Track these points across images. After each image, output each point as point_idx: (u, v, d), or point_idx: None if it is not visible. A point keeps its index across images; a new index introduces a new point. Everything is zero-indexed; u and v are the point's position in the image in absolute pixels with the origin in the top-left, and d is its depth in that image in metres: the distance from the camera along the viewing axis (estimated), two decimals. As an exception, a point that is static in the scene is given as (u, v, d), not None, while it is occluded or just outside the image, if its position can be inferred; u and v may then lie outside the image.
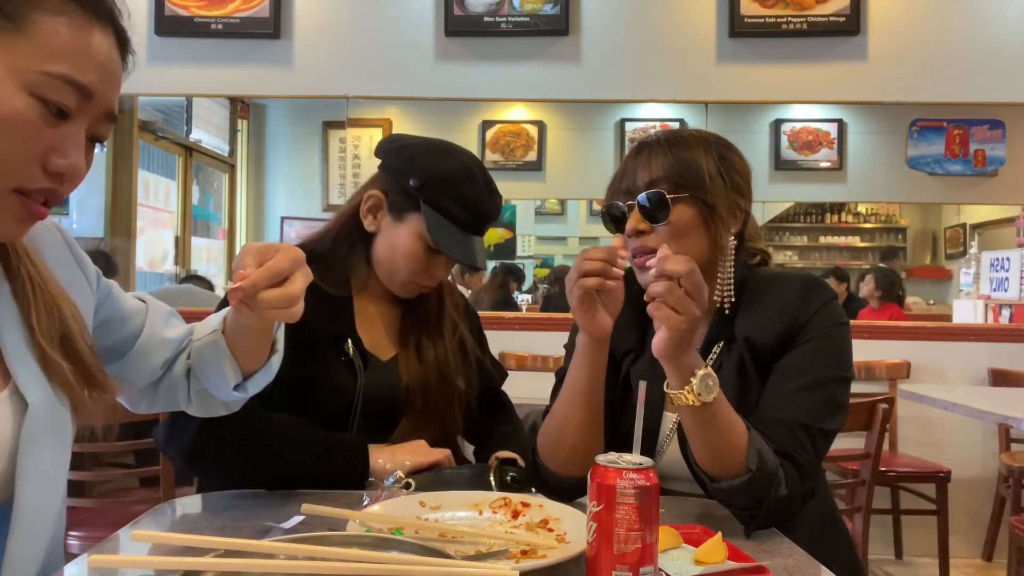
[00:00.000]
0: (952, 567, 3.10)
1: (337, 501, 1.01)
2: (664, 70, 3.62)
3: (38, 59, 0.74)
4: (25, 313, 0.84)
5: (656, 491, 0.76)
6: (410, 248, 1.37)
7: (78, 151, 0.78)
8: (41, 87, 0.74)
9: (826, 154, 4.94)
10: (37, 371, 0.84)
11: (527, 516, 1.04)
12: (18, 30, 0.73)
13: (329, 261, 1.40)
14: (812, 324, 1.17)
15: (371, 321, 1.43)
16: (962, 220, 7.37)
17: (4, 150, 0.74)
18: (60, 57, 0.75)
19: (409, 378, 1.41)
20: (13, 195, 0.76)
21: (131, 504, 2.31)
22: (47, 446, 0.85)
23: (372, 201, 1.41)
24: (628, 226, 1.20)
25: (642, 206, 1.18)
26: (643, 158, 1.22)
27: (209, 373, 1.02)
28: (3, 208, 0.77)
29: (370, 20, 3.64)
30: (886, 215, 8.15)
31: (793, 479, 1.07)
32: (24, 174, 0.76)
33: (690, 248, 1.18)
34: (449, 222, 1.36)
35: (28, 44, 0.74)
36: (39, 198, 0.78)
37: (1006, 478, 3.13)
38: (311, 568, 0.71)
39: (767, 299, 1.22)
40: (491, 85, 3.66)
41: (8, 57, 0.73)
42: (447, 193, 1.36)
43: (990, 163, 4.68)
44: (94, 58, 0.77)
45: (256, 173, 5.99)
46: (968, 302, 4.26)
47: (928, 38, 3.54)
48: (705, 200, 1.19)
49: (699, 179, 1.19)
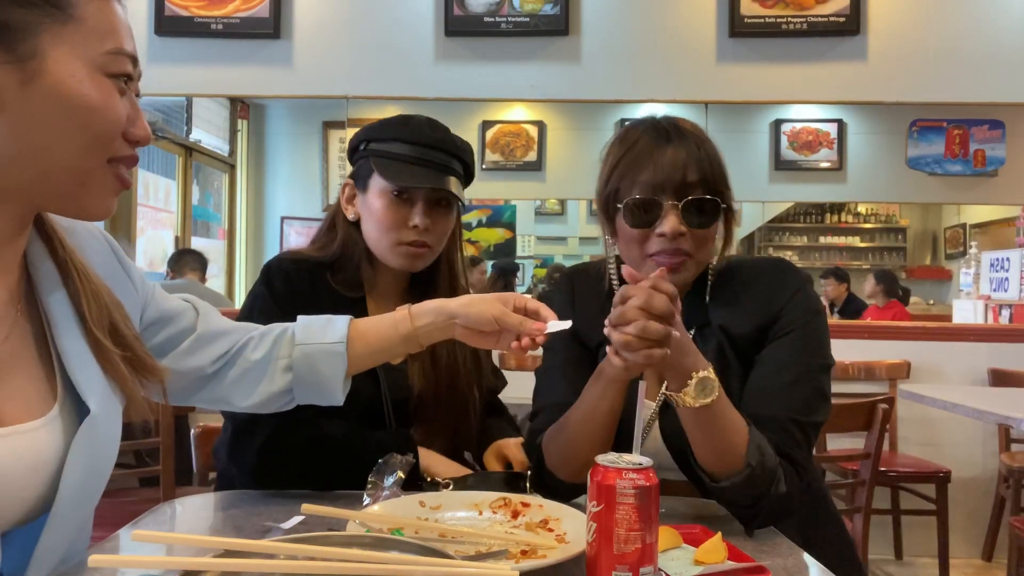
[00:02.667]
0: (952, 567, 3.10)
1: (337, 501, 1.01)
2: (664, 70, 3.62)
3: (96, 41, 0.79)
4: (76, 305, 0.87)
5: (656, 491, 0.76)
6: (378, 206, 1.38)
7: (143, 116, 0.84)
8: (108, 65, 0.79)
9: (826, 154, 4.94)
10: (97, 371, 0.86)
11: (527, 516, 1.04)
12: (72, 20, 0.78)
13: (341, 265, 1.41)
14: (789, 311, 1.17)
15: None
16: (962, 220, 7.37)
17: (101, 131, 0.79)
18: (110, 33, 0.80)
19: (422, 384, 1.41)
20: (107, 167, 0.82)
21: (131, 504, 2.32)
22: (95, 453, 0.85)
23: (347, 190, 1.45)
24: (669, 227, 1.14)
25: (689, 208, 1.14)
26: (678, 154, 1.16)
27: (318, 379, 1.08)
28: (106, 183, 0.83)
29: (370, 20, 3.64)
30: (886, 215, 8.14)
31: (792, 477, 1.07)
32: (114, 147, 0.82)
33: (709, 255, 1.20)
34: (397, 161, 1.37)
35: (83, 29, 0.78)
36: (128, 163, 0.84)
37: (1006, 478, 3.13)
38: (311, 568, 0.71)
39: (738, 287, 1.21)
40: (491, 85, 3.66)
41: (74, 47, 0.78)
42: (386, 137, 1.39)
43: (990, 163, 4.68)
44: (125, 25, 0.83)
45: (256, 173, 5.99)
46: (968, 302, 4.26)
47: (928, 38, 3.54)
48: (730, 206, 1.19)
49: (726, 182, 1.18)
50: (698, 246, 1.16)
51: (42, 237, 0.89)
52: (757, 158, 5.02)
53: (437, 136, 1.40)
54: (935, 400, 2.63)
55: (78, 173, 0.80)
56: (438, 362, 1.42)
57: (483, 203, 6.69)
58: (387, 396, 1.35)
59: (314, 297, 1.34)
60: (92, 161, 0.80)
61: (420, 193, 1.37)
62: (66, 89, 0.77)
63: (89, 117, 0.78)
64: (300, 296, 1.33)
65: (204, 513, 1.18)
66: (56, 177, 0.80)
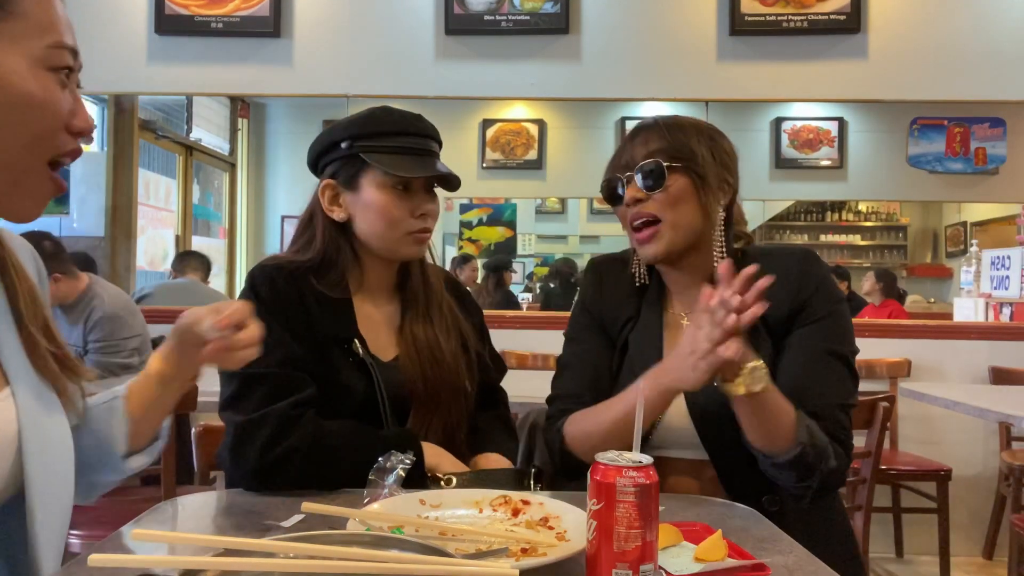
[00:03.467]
0: (953, 565, 3.10)
1: (337, 500, 1.01)
2: (664, 68, 3.62)
3: (37, 36, 0.79)
4: (12, 300, 0.89)
5: (656, 489, 0.76)
6: (381, 201, 1.36)
7: (84, 108, 0.85)
8: (49, 60, 0.80)
9: (826, 152, 4.94)
10: (25, 361, 0.88)
11: (527, 514, 1.04)
12: (11, 15, 0.78)
13: (326, 268, 1.40)
14: (817, 299, 1.27)
15: (370, 322, 1.43)
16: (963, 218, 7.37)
17: (41, 126, 0.80)
18: (51, 28, 0.81)
19: (411, 374, 1.41)
20: (47, 169, 0.83)
21: (131, 503, 2.32)
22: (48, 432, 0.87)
23: (328, 192, 1.41)
24: (627, 195, 1.29)
25: (640, 176, 1.28)
26: (640, 138, 1.32)
27: (98, 443, 0.99)
28: (41, 183, 0.83)
29: (370, 19, 3.64)
30: (887, 213, 8.14)
31: (840, 454, 1.19)
32: (56, 142, 0.82)
33: (684, 215, 1.27)
34: (393, 154, 1.37)
35: (25, 25, 0.79)
36: (67, 161, 0.85)
37: (1007, 476, 3.13)
38: (311, 567, 0.71)
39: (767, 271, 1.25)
40: (491, 84, 3.66)
41: (17, 43, 0.78)
42: (374, 131, 1.38)
43: (991, 161, 4.68)
44: (64, 19, 0.83)
45: (256, 172, 6.00)
46: (969, 300, 4.25)
47: (929, 36, 3.53)
48: (697, 172, 1.28)
49: (692, 153, 1.29)
50: (664, 208, 1.27)
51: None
52: (758, 156, 5.02)
53: (419, 124, 1.42)
54: (936, 398, 2.63)
55: (15, 171, 0.81)
56: (422, 354, 1.42)
57: (483, 202, 6.69)
58: (383, 393, 1.35)
59: (301, 301, 1.34)
60: (32, 160, 0.81)
61: (419, 182, 1.38)
62: (6, 85, 0.77)
63: (29, 113, 0.79)
64: (287, 300, 1.33)
65: (204, 512, 1.19)
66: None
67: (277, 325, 1.27)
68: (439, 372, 1.42)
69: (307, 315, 1.33)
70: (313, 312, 1.34)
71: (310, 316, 1.33)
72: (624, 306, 1.38)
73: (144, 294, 3.91)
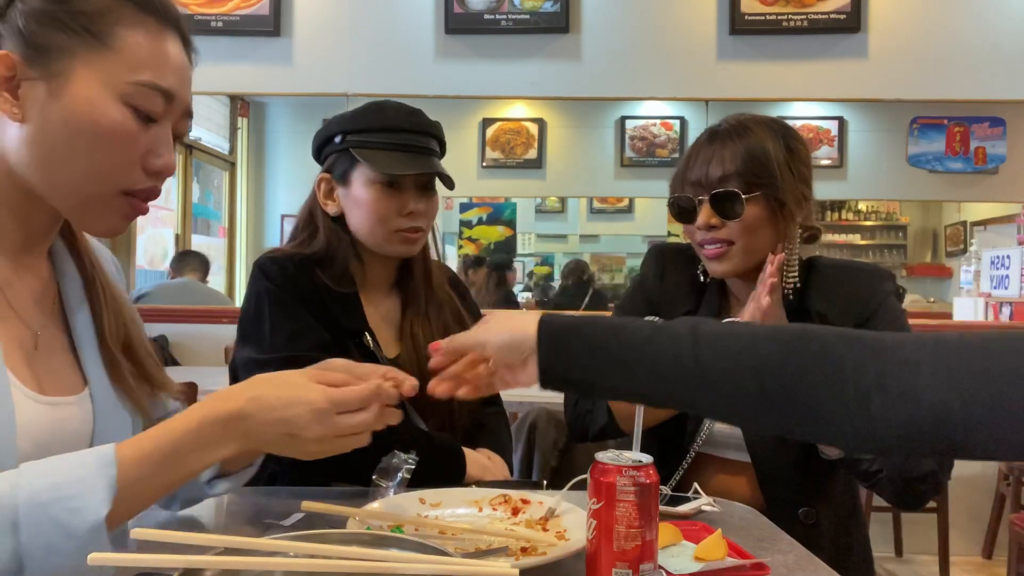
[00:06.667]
0: (952, 564, 3.10)
1: (337, 499, 1.01)
2: (664, 68, 3.62)
3: (126, 71, 0.80)
4: (97, 319, 0.91)
5: (656, 488, 0.76)
6: (368, 198, 1.36)
7: (169, 149, 0.85)
8: (132, 96, 0.81)
9: (827, 152, 4.94)
10: (104, 375, 0.90)
11: (527, 513, 1.04)
12: (104, 47, 0.80)
13: (329, 262, 1.39)
14: (882, 314, 1.25)
15: (373, 318, 1.43)
16: (962, 218, 7.36)
17: (110, 158, 0.81)
18: (144, 66, 0.81)
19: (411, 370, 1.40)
20: (121, 196, 0.84)
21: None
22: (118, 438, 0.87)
23: (324, 186, 1.42)
24: (700, 220, 1.25)
25: (715, 200, 1.23)
26: (715, 149, 1.25)
27: None
28: (113, 208, 0.84)
29: (370, 18, 3.64)
30: (886, 213, 8.13)
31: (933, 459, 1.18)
32: (128, 177, 0.83)
33: (759, 241, 1.24)
34: (382, 150, 1.35)
35: (116, 58, 0.80)
36: (143, 196, 0.85)
37: (1006, 476, 3.13)
38: (311, 566, 0.71)
39: (835, 284, 1.29)
40: (491, 83, 3.66)
41: (101, 73, 0.80)
42: (364, 127, 1.37)
43: (991, 160, 4.68)
44: (171, 63, 0.84)
45: (256, 171, 5.99)
46: (968, 300, 4.25)
47: (929, 35, 3.53)
48: (776, 197, 1.23)
49: (770, 175, 1.22)
50: (739, 234, 1.23)
51: (66, 241, 0.93)
52: (757, 156, 5.01)
53: (415, 120, 1.40)
54: (935, 397, 2.63)
55: (81, 196, 0.82)
56: (421, 354, 1.41)
57: (483, 201, 6.69)
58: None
59: (313, 290, 1.33)
60: (98, 188, 0.82)
61: (410, 180, 1.37)
62: (80, 110, 0.79)
63: (97, 141, 0.80)
64: (303, 289, 1.32)
65: (204, 511, 1.18)
66: (57, 193, 0.83)
67: (304, 310, 1.27)
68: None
69: (322, 305, 1.33)
70: (323, 304, 1.33)
71: (324, 306, 1.33)
72: (684, 298, 1.37)
73: (142, 294, 3.91)
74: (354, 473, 1.22)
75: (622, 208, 7.09)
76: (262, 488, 1.23)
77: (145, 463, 0.75)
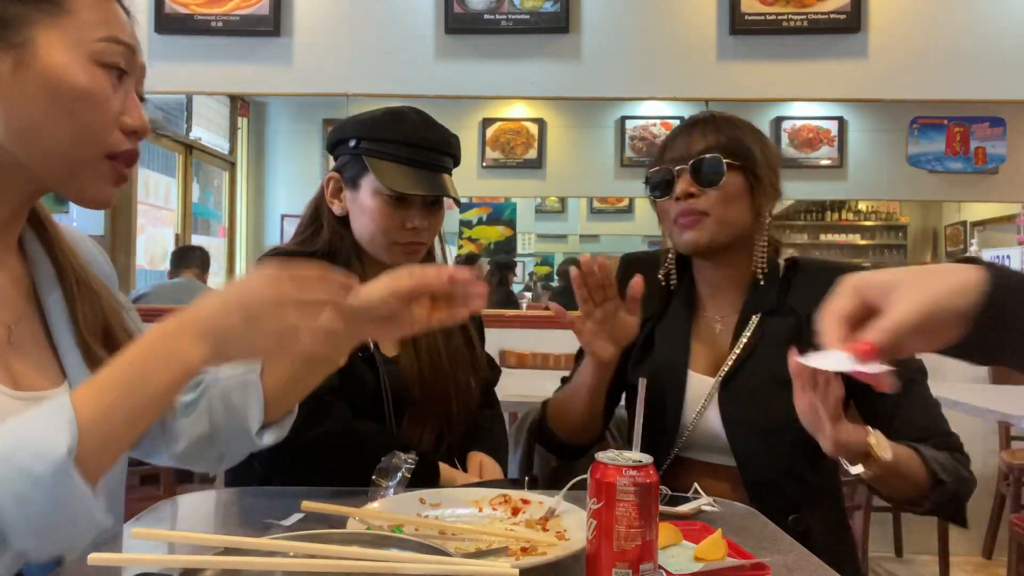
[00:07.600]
0: (952, 565, 3.10)
1: (337, 498, 1.01)
2: (664, 68, 3.62)
3: (89, 31, 0.82)
4: (71, 309, 0.90)
5: (656, 488, 0.76)
6: (373, 206, 1.36)
7: (140, 109, 0.87)
8: (101, 54, 0.82)
9: (826, 152, 4.93)
10: (83, 367, 0.89)
11: (527, 513, 1.04)
12: (61, 11, 0.81)
13: (331, 260, 1.39)
14: None
15: None
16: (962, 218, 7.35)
17: (90, 118, 0.82)
18: (101, 24, 0.83)
19: (409, 374, 1.40)
20: (106, 161, 0.85)
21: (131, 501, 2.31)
22: None
23: (332, 184, 1.42)
24: (678, 189, 1.27)
25: (695, 170, 1.27)
26: (697, 130, 1.30)
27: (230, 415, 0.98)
28: (100, 173, 0.85)
29: (370, 17, 3.64)
30: (886, 213, 8.13)
31: (964, 462, 1.20)
32: (110, 138, 0.84)
33: (734, 213, 1.27)
34: (393, 163, 1.35)
35: (76, 20, 0.81)
36: (125, 160, 0.86)
37: (1006, 476, 3.13)
38: (311, 566, 0.71)
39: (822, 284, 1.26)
40: (491, 83, 3.65)
41: (66, 36, 0.81)
42: (380, 136, 1.37)
43: (991, 161, 4.68)
44: (121, 19, 0.86)
45: (256, 171, 5.99)
46: (968, 300, 4.24)
47: (929, 35, 3.53)
48: (754, 172, 1.27)
49: (749, 152, 1.27)
50: (715, 205, 1.26)
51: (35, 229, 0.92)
52: (757, 156, 5.01)
53: (432, 136, 1.39)
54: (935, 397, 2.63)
55: (68, 162, 0.83)
56: (421, 357, 1.41)
57: (483, 201, 6.68)
58: (387, 389, 1.35)
59: None
60: (84, 151, 0.83)
61: (417, 196, 1.37)
62: (54, 75, 0.80)
63: (76, 105, 0.81)
64: None
65: (204, 510, 1.19)
66: (45, 163, 0.83)
67: None
68: (435, 375, 1.42)
69: None
70: None
71: None
72: (649, 303, 1.38)
73: (140, 295, 3.91)
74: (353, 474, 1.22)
75: (622, 208, 7.09)
76: (262, 488, 1.23)
77: (105, 392, 0.73)
